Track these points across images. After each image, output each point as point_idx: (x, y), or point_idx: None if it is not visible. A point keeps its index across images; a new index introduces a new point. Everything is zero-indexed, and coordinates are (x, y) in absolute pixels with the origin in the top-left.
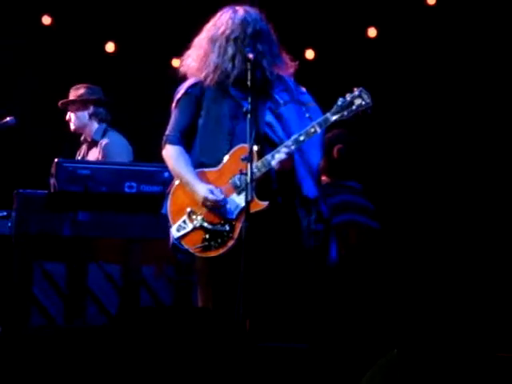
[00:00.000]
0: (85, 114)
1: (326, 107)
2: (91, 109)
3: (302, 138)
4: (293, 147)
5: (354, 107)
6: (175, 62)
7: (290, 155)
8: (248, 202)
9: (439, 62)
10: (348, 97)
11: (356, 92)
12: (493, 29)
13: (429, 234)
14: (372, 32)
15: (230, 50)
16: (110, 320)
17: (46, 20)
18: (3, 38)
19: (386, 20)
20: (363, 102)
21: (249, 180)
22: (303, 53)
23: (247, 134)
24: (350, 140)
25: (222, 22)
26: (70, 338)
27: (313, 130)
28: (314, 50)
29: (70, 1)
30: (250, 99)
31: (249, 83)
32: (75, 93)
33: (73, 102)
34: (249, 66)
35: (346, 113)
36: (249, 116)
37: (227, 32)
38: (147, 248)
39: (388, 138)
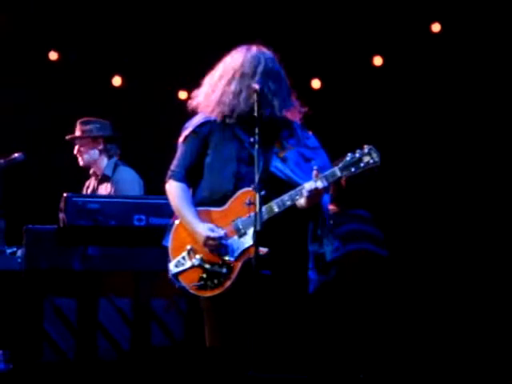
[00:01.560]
0: (95, 150)
1: (332, 138)
2: (101, 145)
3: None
4: (297, 197)
5: (361, 164)
6: (182, 95)
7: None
8: (256, 231)
9: (445, 90)
10: (357, 153)
11: (366, 149)
12: (498, 56)
13: (439, 262)
14: (378, 60)
15: (235, 85)
16: (121, 356)
17: (53, 55)
18: (10, 74)
19: (391, 48)
20: (371, 161)
21: (257, 209)
22: (309, 82)
23: (255, 173)
24: None
25: (234, 58)
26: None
27: (319, 183)
28: (320, 79)
29: (76, 36)
30: (257, 130)
31: (255, 114)
32: (83, 128)
33: (81, 137)
34: (255, 98)
35: (353, 169)
36: (256, 147)
37: (236, 68)
38: (157, 281)
39: (396, 166)
